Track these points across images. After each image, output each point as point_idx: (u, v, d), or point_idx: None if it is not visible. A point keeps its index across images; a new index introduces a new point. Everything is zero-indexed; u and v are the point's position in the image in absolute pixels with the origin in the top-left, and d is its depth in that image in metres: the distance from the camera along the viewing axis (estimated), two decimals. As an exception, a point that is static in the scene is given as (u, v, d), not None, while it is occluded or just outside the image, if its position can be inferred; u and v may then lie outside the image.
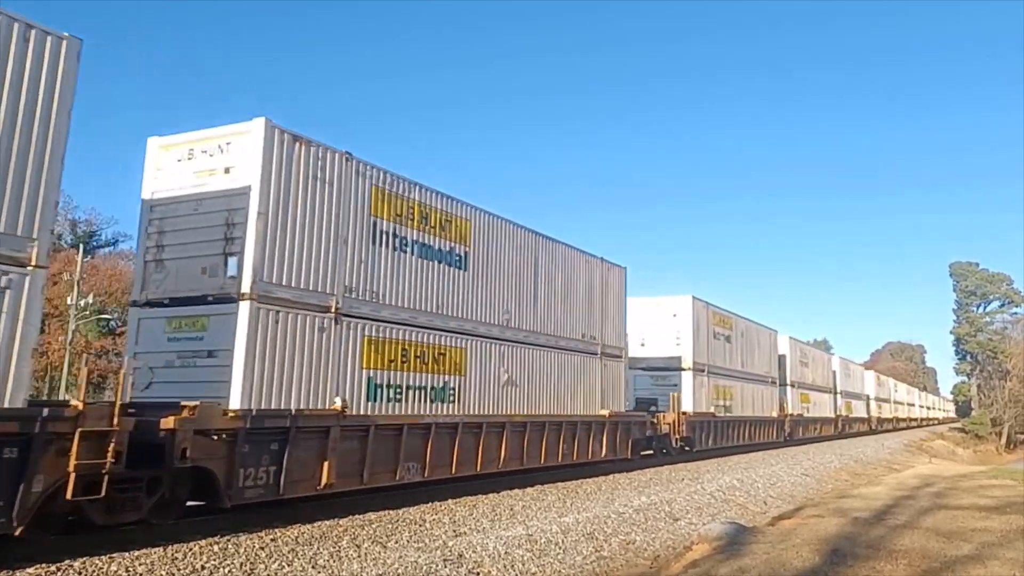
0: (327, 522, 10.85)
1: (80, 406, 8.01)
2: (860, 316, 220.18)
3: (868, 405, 59.42)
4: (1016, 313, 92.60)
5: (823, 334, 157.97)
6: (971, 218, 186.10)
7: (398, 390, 12.84)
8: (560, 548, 10.82)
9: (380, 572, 8.53)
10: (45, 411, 7.88)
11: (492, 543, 10.31)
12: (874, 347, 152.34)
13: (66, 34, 8.36)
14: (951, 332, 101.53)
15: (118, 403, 8.45)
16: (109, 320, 46.23)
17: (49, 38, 8.19)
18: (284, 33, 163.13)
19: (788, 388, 37.85)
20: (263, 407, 10.35)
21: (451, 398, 14.07)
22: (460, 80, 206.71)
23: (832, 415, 47.32)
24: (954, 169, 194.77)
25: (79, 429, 7.94)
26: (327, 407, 11.35)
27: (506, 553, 10.06)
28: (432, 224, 14.03)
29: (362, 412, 12.00)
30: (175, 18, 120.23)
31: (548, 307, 17.74)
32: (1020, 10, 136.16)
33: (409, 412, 13.00)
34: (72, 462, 7.90)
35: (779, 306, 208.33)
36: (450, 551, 9.70)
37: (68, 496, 7.91)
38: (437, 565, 9.10)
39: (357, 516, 11.41)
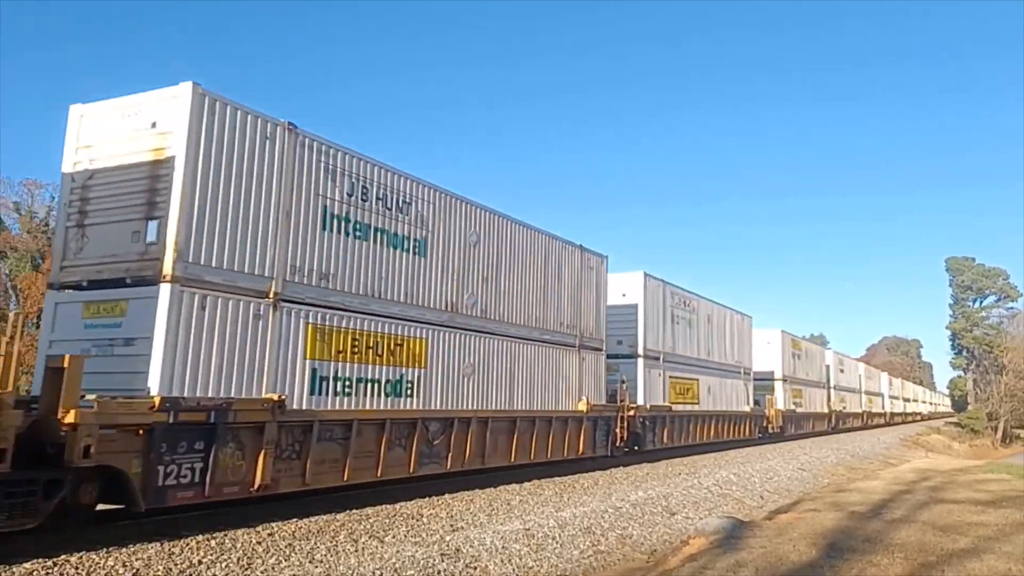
0: (324, 517, 10.84)
1: None
2: (856, 311, 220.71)
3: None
4: (1012, 308, 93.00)
5: (819, 329, 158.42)
6: (967, 213, 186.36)
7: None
8: (557, 542, 10.82)
9: (377, 567, 8.52)
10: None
11: (489, 538, 10.30)
12: (870, 342, 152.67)
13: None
14: (947, 327, 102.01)
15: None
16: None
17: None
18: (284, 32, 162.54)
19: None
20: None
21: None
22: (459, 79, 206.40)
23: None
24: (950, 165, 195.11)
25: None
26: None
27: (503, 548, 10.06)
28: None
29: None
30: (179, 17, 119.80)
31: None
32: (1013, 8, 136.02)
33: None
34: None
35: (775, 302, 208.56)
36: (447, 546, 9.69)
37: None
38: (434, 560, 9.09)
39: (354, 511, 11.40)
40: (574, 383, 18.67)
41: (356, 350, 12.16)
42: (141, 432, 8.86)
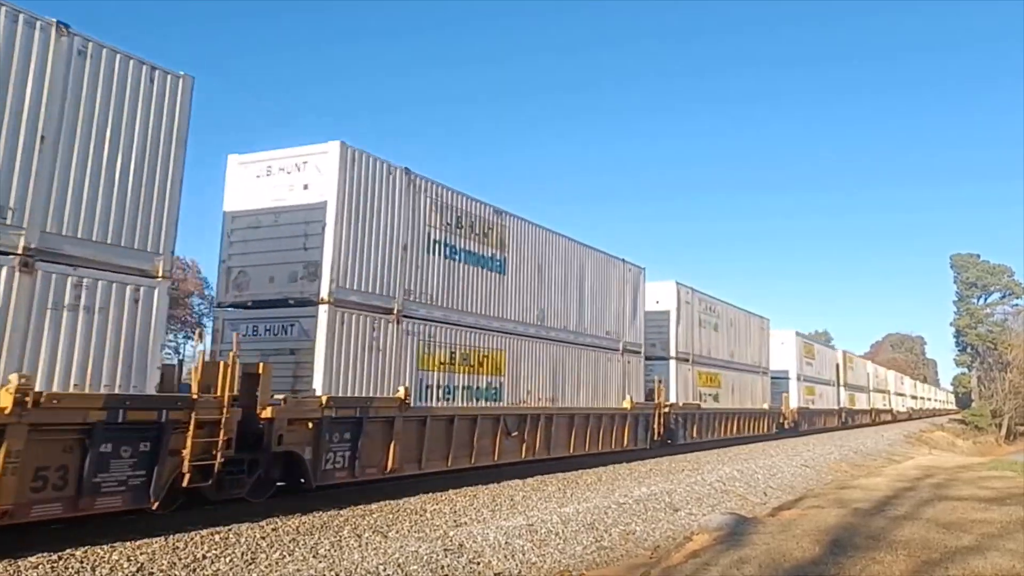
0: (328, 512, 10.87)
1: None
2: (861, 308, 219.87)
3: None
4: (1017, 305, 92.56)
5: (824, 326, 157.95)
6: (972, 210, 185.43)
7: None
8: (560, 538, 10.83)
9: (381, 562, 8.54)
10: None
11: (493, 533, 10.31)
12: (874, 339, 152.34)
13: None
14: (951, 324, 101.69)
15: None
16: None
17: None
18: (281, 30, 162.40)
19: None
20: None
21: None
22: (469, 77, 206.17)
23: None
24: (955, 162, 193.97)
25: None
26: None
27: (507, 543, 10.07)
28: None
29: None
30: (189, 14, 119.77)
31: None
32: (1019, 6, 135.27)
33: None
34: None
35: (780, 298, 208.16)
36: (451, 541, 9.71)
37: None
38: (438, 555, 9.11)
39: (358, 506, 11.43)
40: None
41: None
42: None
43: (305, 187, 12.31)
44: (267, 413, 10.17)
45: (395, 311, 12.90)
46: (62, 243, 8.12)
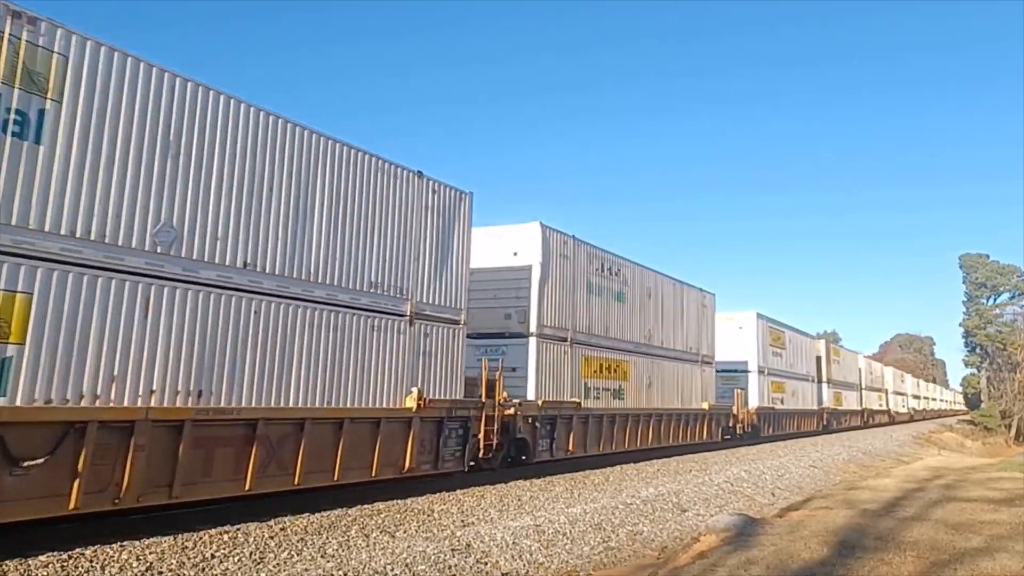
0: (336, 511, 10.90)
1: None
2: (869, 308, 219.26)
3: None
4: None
5: (832, 326, 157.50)
6: (981, 211, 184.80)
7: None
8: (568, 538, 10.83)
9: (389, 561, 8.55)
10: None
11: (500, 533, 10.32)
12: (883, 339, 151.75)
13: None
14: (960, 324, 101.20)
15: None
16: None
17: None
18: (293, 31, 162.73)
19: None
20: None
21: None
22: (469, 77, 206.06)
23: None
24: (959, 162, 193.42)
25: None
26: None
27: (514, 543, 10.08)
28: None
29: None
30: (189, 14, 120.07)
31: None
32: (1019, 6, 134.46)
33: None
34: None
35: (788, 298, 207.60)
36: (458, 541, 9.72)
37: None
38: (445, 555, 9.12)
39: (366, 506, 11.45)
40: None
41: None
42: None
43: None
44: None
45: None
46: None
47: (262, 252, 10.46)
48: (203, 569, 7.77)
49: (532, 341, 16.60)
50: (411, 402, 12.73)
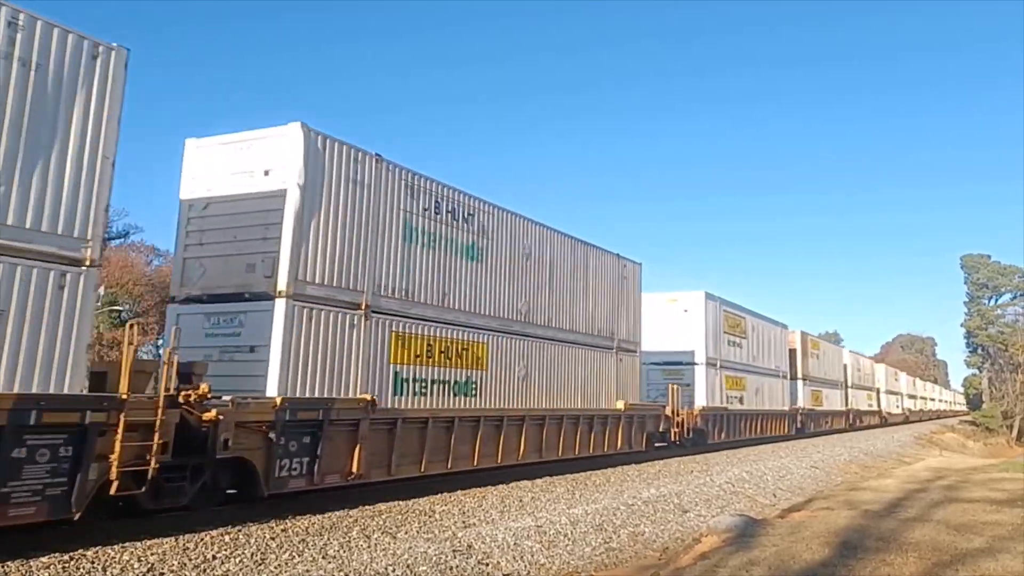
0: (337, 513, 10.89)
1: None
2: (871, 309, 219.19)
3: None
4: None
5: (834, 327, 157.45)
6: (983, 211, 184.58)
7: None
8: (569, 539, 10.83)
9: (390, 563, 8.56)
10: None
11: (501, 534, 10.32)
12: (884, 339, 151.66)
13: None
14: (962, 325, 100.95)
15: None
16: (120, 312, 46.41)
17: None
18: (293, 29, 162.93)
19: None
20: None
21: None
22: (469, 77, 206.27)
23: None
24: (959, 162, 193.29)
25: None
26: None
27: (515, 544, 10.08)
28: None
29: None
30: (183, 15, 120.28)
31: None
32: (1019, 6, 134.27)
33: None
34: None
35: (789, 299, 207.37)
36: (459, 542, 9.72)
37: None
38: (447, 556, 9.12)
39: (367, 507, 11.44)
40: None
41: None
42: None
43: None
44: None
45: (364, 306, 12.15)
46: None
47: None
48: (204, 570, 7.77)
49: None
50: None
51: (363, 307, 12.09)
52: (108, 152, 8.51)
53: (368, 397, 11.78)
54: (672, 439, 22.80)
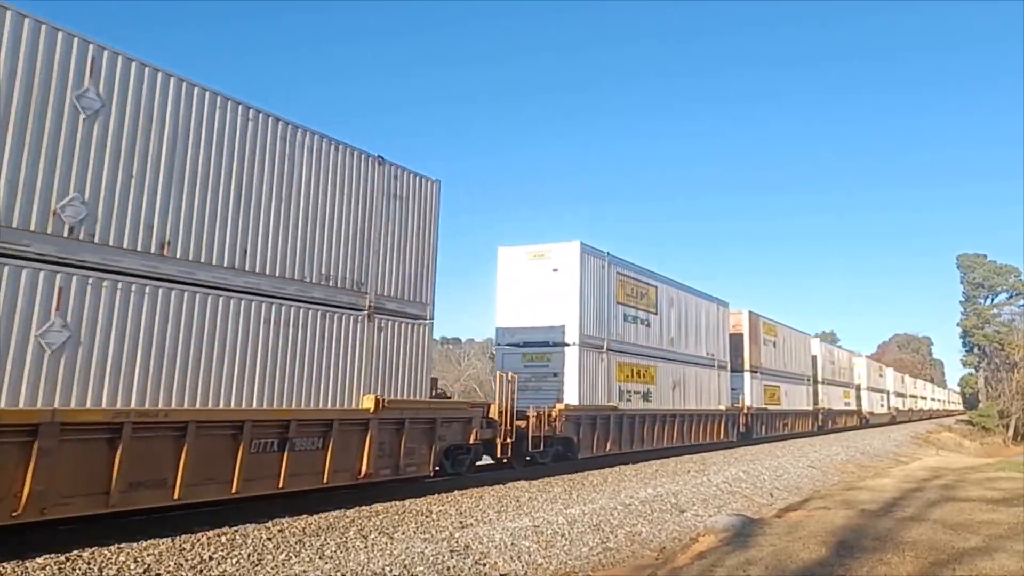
0: (334, 513, 10.88)
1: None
2: (867, 308, 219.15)
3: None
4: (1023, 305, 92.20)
5: (830, 326, 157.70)
6: (978, 211, 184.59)
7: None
8: (566, 539, 10.82)
9: (387, 563, 8.54)
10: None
11: (499, 534, 10.31)
12: (881, 339, 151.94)
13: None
14: (958, 324, 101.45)
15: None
16: None
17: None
18: (293, 29, 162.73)
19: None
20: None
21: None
22: (469, 77, 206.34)
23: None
24: (958, 162, 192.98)
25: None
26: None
27: (512, 544, 10.07)
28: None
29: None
30: (183, 15, 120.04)
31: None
32: (1019, 6, 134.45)
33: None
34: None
35: (786, 298, 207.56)
36: (456, 542, 9.71)
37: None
38: (444, 556, 9.11)
39: (364, 507, 11.44)
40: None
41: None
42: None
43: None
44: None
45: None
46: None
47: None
48: (201, 571, 7.76)
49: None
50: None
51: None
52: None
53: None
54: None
